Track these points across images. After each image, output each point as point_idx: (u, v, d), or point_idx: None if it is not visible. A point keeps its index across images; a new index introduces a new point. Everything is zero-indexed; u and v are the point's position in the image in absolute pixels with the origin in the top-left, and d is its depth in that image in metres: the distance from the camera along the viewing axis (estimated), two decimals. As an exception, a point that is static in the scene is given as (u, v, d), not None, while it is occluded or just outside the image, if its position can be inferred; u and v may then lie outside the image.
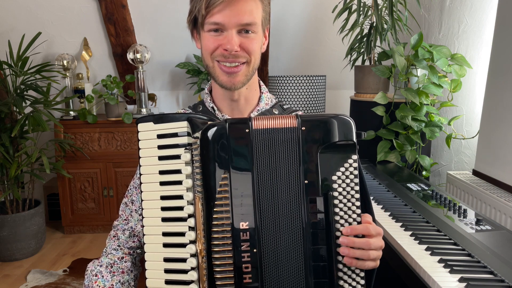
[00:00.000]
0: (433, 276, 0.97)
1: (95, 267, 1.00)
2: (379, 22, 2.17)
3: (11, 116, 2.70)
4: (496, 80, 1.83)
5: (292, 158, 0.77)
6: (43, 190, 3.28)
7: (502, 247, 1.11)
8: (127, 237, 1.04)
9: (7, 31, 2.98)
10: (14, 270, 2.59)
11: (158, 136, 0.83)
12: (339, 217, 0.76)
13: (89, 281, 0.98)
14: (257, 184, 0.77)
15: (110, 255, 1.02)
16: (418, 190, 1.61)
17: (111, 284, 0.97)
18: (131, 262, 1.03)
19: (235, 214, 0.76)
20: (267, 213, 0.77)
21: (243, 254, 0.76)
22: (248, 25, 0.89)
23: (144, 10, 2.97)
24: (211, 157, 0.77)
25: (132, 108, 3.30)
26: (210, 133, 0.77)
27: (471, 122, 2.23)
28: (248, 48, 0.91)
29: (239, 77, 0.93)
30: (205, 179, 0.77)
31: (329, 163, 0.77)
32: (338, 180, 0.76)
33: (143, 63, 3.05)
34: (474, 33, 2.21)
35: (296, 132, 0.77)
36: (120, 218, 1.07)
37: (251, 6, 0.89)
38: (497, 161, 1.80)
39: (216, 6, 0.86)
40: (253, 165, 0.76)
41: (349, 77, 2.90)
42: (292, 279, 0.76)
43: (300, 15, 3.05)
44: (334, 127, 0.77)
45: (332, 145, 0.77)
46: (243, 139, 0.77)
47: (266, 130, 0.77)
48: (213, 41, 0.90)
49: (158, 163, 0.82)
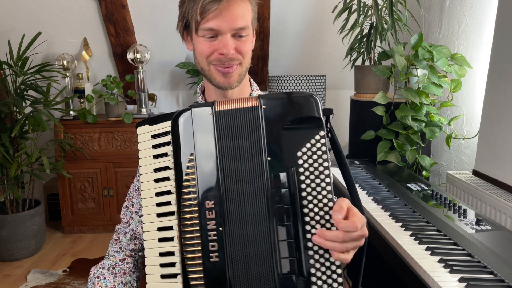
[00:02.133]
0: (433, 276, 0.97)
1: (97, 269, 1.01)
2: (379, 22, 2.17)
3: (11, 116, 2.70)
4: (496, 80, 1.83)
5: (254, 137, 0.79)
6: (43, 190, 3.28)
7: (502, 247, 1.11)
8: (128, 240, 1.05)
9: (7, 31, 2.98)
10: (14, 270, 2.59)
11: (152, 136, 0.87)
12: (306, 193, 0.75)
13: (91, 283, 0.99)
14: (221, 164, 0.79)
15: (112, 257, 1.03)
16: (418, 190, 1.61)
17: (113, 285, 0.98)
18: (132, 264, 1.04)
19: (201, 194, 0.78)
20: (231, 191, 0.79)
21: (209, 233, 0.77)
22: (241, 29, 0.91)
23: (144, 10, 2.97)
24: (180, 142, 0.81)
25: (132, 108, 3.30)
26: (178, 119, 0.81)
27: (471, 122, 2.23)
28: (242, 50, 0.94)
29: (234, 77, 0.96)
30: (176, 165, 0.81)
31: (293, 140, 0.77)
32: (303, 156, 0.76)
33: (143, 63, 3.05)
34: (474, 33, 2.21)
35: (257, 110, 0.79)
36: (122, 222, 1.08)
37: (243, 9, 0.91)
38: (497, 161, 1.80)
39: (211, 13, 0.88)
40: (216, 145, 0.79)
41: (349, 77, 2.91)
42: (259, 257, 0.77)
43: (300, 15, 3.05)
44: (296, 104, 0.79)
45: (295, 121, 0.78)
46: (207, 121, 0.80)
47: (229, 111, 0.80)
48: (208, 46, 0.92)
49: (153, 162, 0.86)
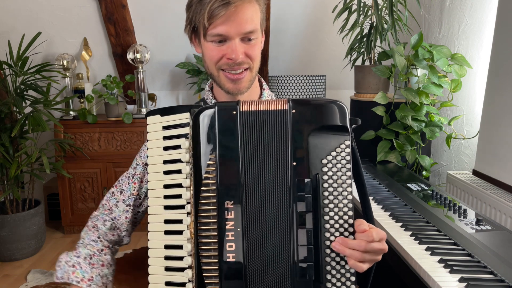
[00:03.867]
0: (433, 276, 0.97)
1: (71, 257, 0.93)
2: (379, 22, 2.17)
3: (11, 116, 2.70)
4: (496, 80, 1.83)
5: (281, 140, 0.77)
6: (43, 190, 3.28)
7: (502, 247, 1.11)
8: (107, 229, 0.99)
9: (7, 31, 2.98)
10: (14, 270, 2.59)
11: (164, 127, 0.86)
12: (328, 200, 0.75)
13: (63, 272, 0.91)
14: (244, 165, 0.77)
15: (89, 246, 0.96)
16: (418, 190, 1.61)
17: (91, 276, 0.92)
18: (110, 256, 0.98)
19: (220, 194, 0.77)
20: (253, 193, 0.77)
21: (227, 233, 0.76)
22: (250, 33, 0.89)
23: (144, 10, 2.97)
24: (200, 139, 0.79)
25: (132, 108, 3.30)
26: (199, 116, 0.79)
27: (471, 122, 2.23)
28: (251, 55, 0.92)
29: (244, 83, 0.94)
30: (195, 161, 0.79)
31: (319, 147, 0.76)
32: (328, 164, 0.76)
33: (143, 63, 3.05)
34: (474, 33, 2.21)
35: (286, 114, 0.77)
36: (102, 208, 1.02)
37: (251, 12, 0.89)
38: (497, 161, 1.80)
39: (218, 18, 0.86)
40: (240, 146, 0.77)
41: (349, 77, 2.90)
42: (277, 259, 0.76)
43: (300, 15, 3.05)
44: (326, 111, 0.77)
45: (323, 129, 0.77)
46: (231, 121, 0.78)
47: (255, 112, 0.78)
48: (217, 52, 0.91)
49: (162, 154, 0.85)
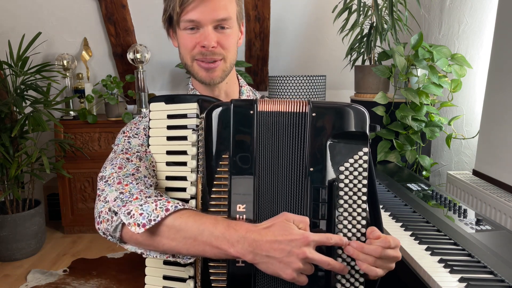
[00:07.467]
0: (433, 276, 0.97)
1: (141, 199, 0.76)
2: (379, 22, 2.17)
3: (11, 116, 2.70)
4: (496, 80, 1.83)
5: (298, 144, 0.74)
6: (43, 190, 3.28)
7: (502, 247, 1.11)
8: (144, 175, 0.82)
9: (7, 31, 2.98)
10: (14, 270, 2.59)
11: (168, 116, 0.82)
12: (342, 209, 0.73)
13: (150, 211, 0.73)
14: (258, 167, 0.74)
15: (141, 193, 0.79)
16: (418, 190, 1.61)
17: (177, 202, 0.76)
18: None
19: (233, 196, 0.73)
20: (266, 197, 0.74)
21: None
22: (223, 20, 0.89)
23: (144, 10, 2.97)
24: (213, 137, 0.75)
25: (132, 108, 3.30)
26: (214, 113, 0.75)
27: (471, 122, 2.23)
28: (224, 44, 0.90)
29: (217, 72, 0.93)
30: (207, 159, 0.76)
31: (338, 153, 0.73)
32: (345, 172, 0.73)
33: (143, 63, 3.05)
34: (474, 33, 2.21)
35: (305, 117, 0.74)
36: (128, 174, 0.82)
37: (225, 1, 0.89)
38: (497, 161, 1.80)
39: (190, 3, 0.86)
40: (255, 147, 0.74)
41: (349, 77, 2.90)
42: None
43: (300, 15, 3.05)
44: (347, 116, 0.74)
45: (343, 135, 0.73)
46: (247, 120, 0.74)
47: (273, 113, 0.75)
48: (190, 39, 0.90)
49: (166, 143, 0.82)
